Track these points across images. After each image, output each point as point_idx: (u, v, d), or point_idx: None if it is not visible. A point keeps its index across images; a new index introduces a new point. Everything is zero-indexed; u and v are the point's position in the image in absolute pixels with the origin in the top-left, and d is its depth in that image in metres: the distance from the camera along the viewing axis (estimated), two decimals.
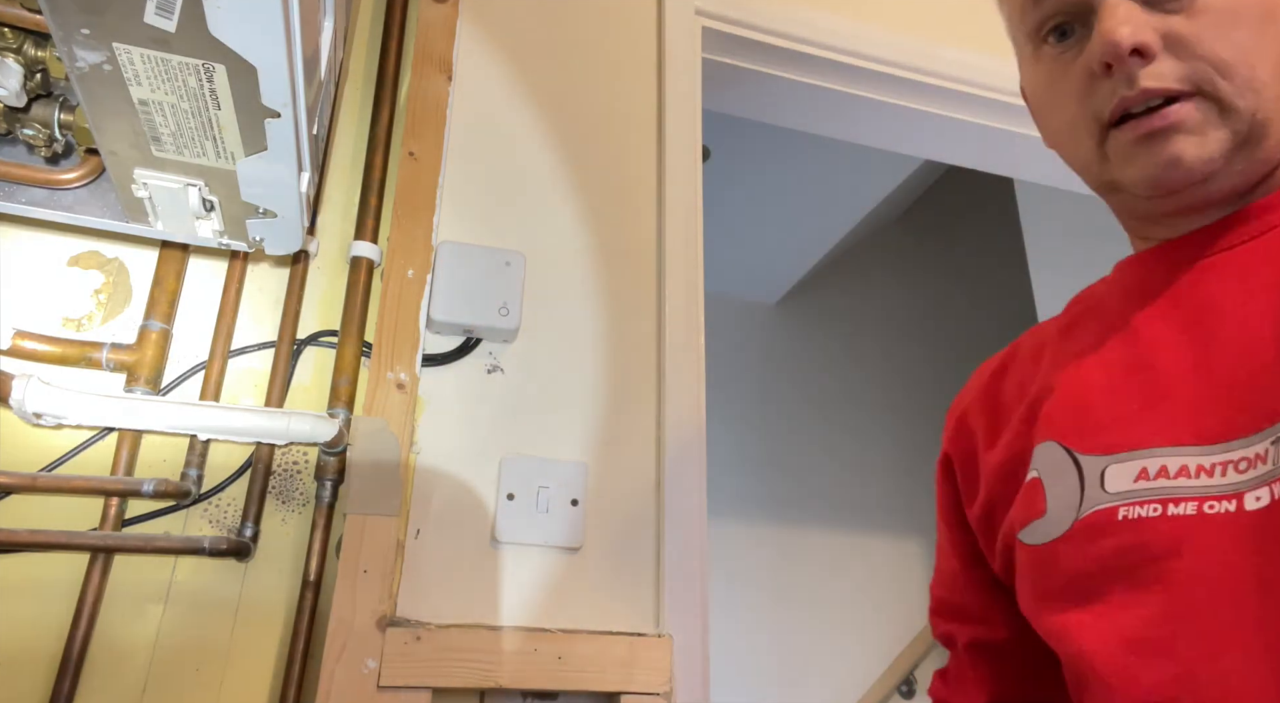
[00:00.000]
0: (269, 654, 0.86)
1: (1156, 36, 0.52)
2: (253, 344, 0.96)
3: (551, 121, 1.16)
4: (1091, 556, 0.53)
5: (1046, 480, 0.58)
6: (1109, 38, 0.52)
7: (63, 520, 0.84)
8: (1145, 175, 0.54)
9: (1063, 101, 0.58)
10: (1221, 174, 0.54)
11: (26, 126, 0.81)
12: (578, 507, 0.98)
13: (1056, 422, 0.59)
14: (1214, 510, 0.48)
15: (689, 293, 1.12)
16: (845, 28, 1.33)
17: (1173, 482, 0.50)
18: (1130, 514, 0.51)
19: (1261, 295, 0.51)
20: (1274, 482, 0.46)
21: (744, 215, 2.73)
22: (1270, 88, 0.53)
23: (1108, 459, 0.54)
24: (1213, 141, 0.53)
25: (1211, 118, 0.53)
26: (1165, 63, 0.53)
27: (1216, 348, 0.52)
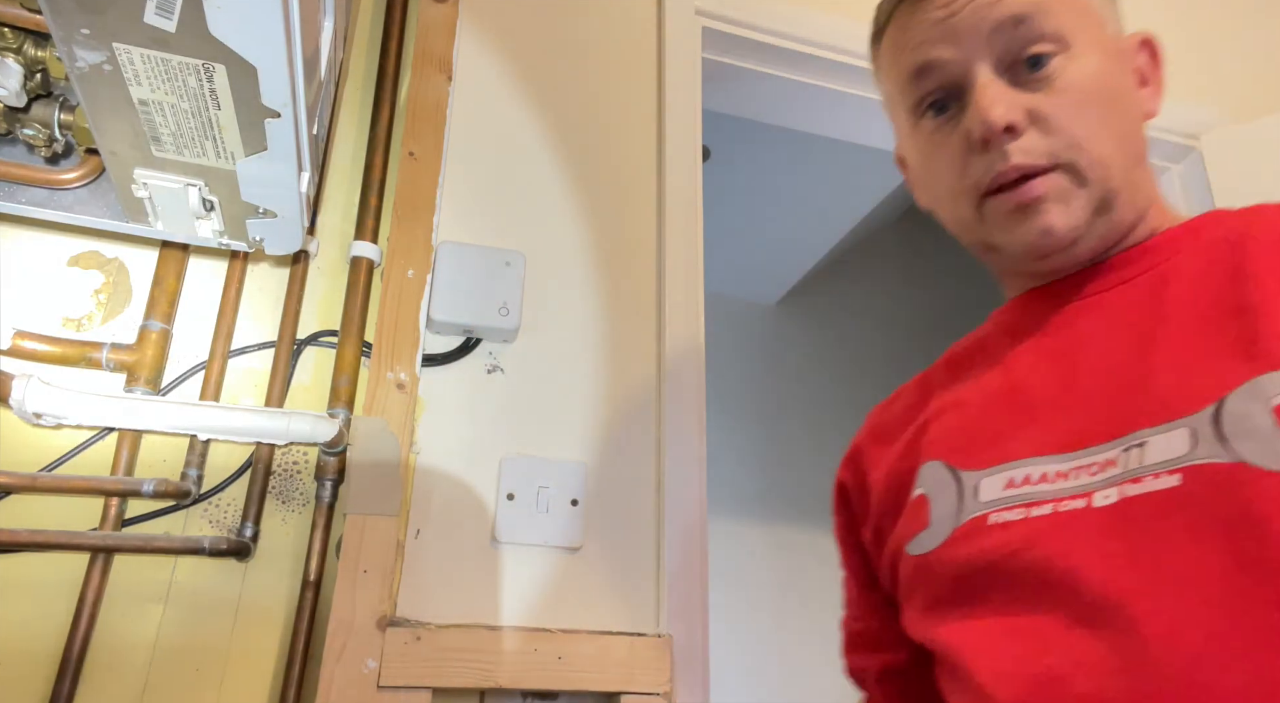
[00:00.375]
0: (269, 654, 0.86)
1: (1023, 114, 0.59)
2: (253, 344, 0.96)
3: (551, 121, 1.16)
4: (964, 559, 0.58)
5: (931, 496, 0.63)
6: (985, 117, 0.59)
7: (63, 520, 0.84)
8: (1023, 242, 0.61)
9: (942, 171, 0.65)
10: (1085, 238, 0.61)
11: (26, 126, 0.81)
12: (578, 507, 0.98)
13: (940, 443, 0.65)
14: (1066, 509, 0.53)
15: (689, 293, 1.12)
16: (845, 28, 1.32)
17: (1034, 487, 0.56)
18: (998, 519, 0.57)
19: (1122, 332, 0.59)
20: (1123, 482, 0.51)
21: (744, 215, 2.73)
22: (1118, 161, 0.60)
23: (982, 473, 0.60)
24: (1077, 210, 0.60)
25: (1072, 188, 0.60)
26: (1031, 138, 0.60)
27: (1080, 373, 0.59)
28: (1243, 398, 0.50)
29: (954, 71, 0.62)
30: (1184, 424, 0.51)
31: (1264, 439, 0.48)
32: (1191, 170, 1.55)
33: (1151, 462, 0.51)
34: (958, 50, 0.61)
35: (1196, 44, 1.64)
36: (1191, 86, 1.59)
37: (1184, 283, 0.59)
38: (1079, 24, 0.61)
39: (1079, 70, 0.60)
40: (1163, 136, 1.52)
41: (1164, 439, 0.51)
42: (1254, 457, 0.48)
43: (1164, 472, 0.50)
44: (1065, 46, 0.60)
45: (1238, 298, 0.55)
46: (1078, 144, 0.59)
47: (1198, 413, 0.51)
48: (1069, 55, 0.60)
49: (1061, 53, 0.60)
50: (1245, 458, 0.48)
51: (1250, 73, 1.66)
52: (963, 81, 0.62)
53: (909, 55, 0.64)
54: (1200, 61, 1.63)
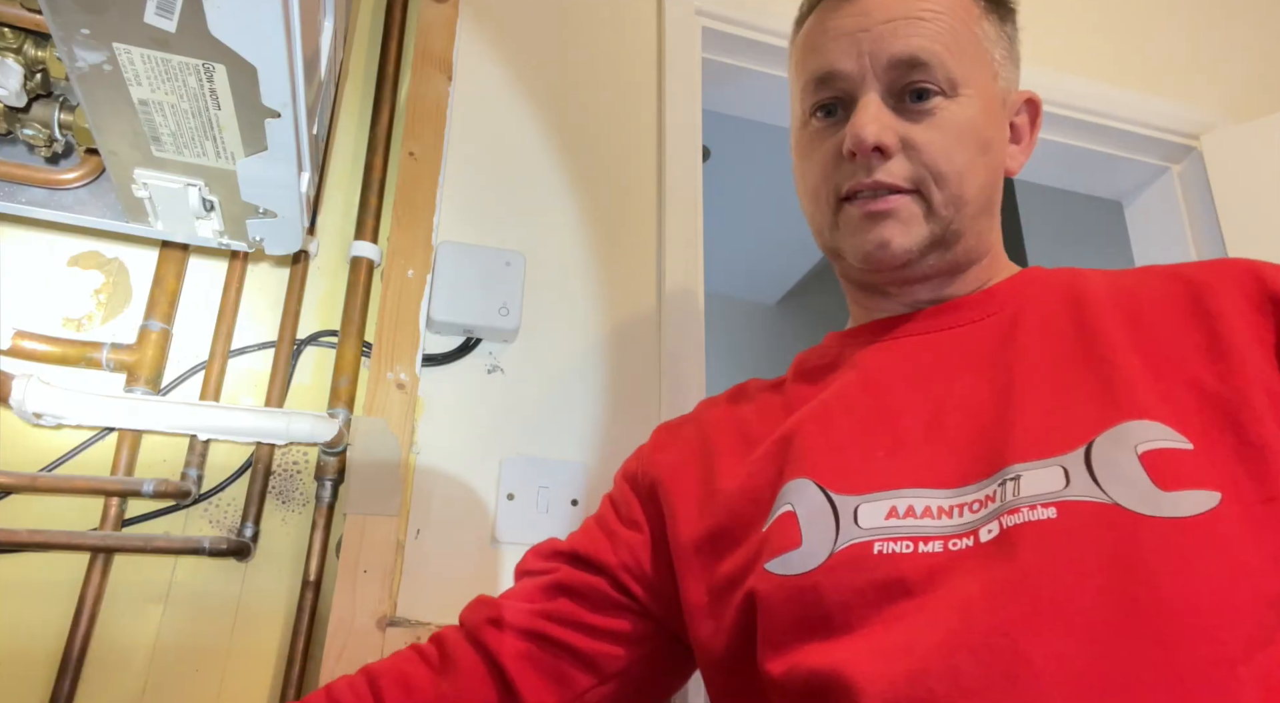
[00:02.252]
0: (269, 654, 0.86)
1: (896, 139, 0.64)
2: (253, 344, 0.96)
3: (551, 121, 1.16)
4: (848, 586, 0.58)
5: (801, 514, 0.62)
6: (858, 133, 0.63)
7: (63, 521, 0.84)
8: (860, 249, 0.66)
9: (813, 168, 0.69)
10: (917, 263, 0.66)
11: (26, 126, 0.81)
12: (578, 507, 0.98)
13: (810, 462, 0.64)
14: (957, 547, 0.55)
15: (689, 293, 1.12)
16: None
17: (919, 521, 0.57)
18: (885, 549, 0.57)
19: (981, 368, 0.62)
20: (1002, 514, 0.54)
21: (744, 215, 2.73)
22: (970, 205, 0.65)
23: (859, 498, 0.60)
24: (915, 235, 0.65)
25: (919, 216, 0.65)
26: (898, 162, 0.64)
27: (947, 404, 0.62)
28: (1109, 443, 0.53)
29: (848, 86, 0.66)
30: (1055, 463, 0.54)
31: (1130, 482, 0.51)
32: (1191, 170, 1.55)
33: (1027, 494, 0.53)
34: (856, 67, 0.65)
35: (1197, 44, 1.64)
36: (1191, 86, 1.59)
37: (1031, 328, 0.63)
38: (971, 72, 0.65)
39: (958, 113, 0.64)
40: (1163, 137, 1.52)
41: (1038, 474, 0.54)
42: (1127, 501, 0.50)
43: (1039, 504, 0.52)
44: (953, 90, 0.64)
45: (1086, 349, 0.59)
46: (938, 177, 0.64)
47: (1069, 453, 0.54)
48: (954, 98, 0.64)
49: (947, 95, 0.64)
50: (1119, 501, 0.51)
51: (1250, 73, 1.66)
52: (853, 95, 0.66)
53: (816, 59, 0.68)
54: (1200, 61, 1.63)
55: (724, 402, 0.79)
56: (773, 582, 0.61)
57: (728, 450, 0.72)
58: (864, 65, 0.65)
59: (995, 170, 0.68)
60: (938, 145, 0.64)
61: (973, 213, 0.66)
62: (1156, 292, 0.61)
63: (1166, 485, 0.50)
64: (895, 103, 0.65)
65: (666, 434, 0.79)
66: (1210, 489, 0.50)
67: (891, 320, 0.71)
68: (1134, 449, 0.52)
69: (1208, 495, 0.50)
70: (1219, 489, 0.50)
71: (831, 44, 0.67)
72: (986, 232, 0.69)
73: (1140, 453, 0.52)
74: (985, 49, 0.67)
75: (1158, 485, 0.50)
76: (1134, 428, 0.53)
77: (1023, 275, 0.69)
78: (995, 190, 0.68)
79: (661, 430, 0.81)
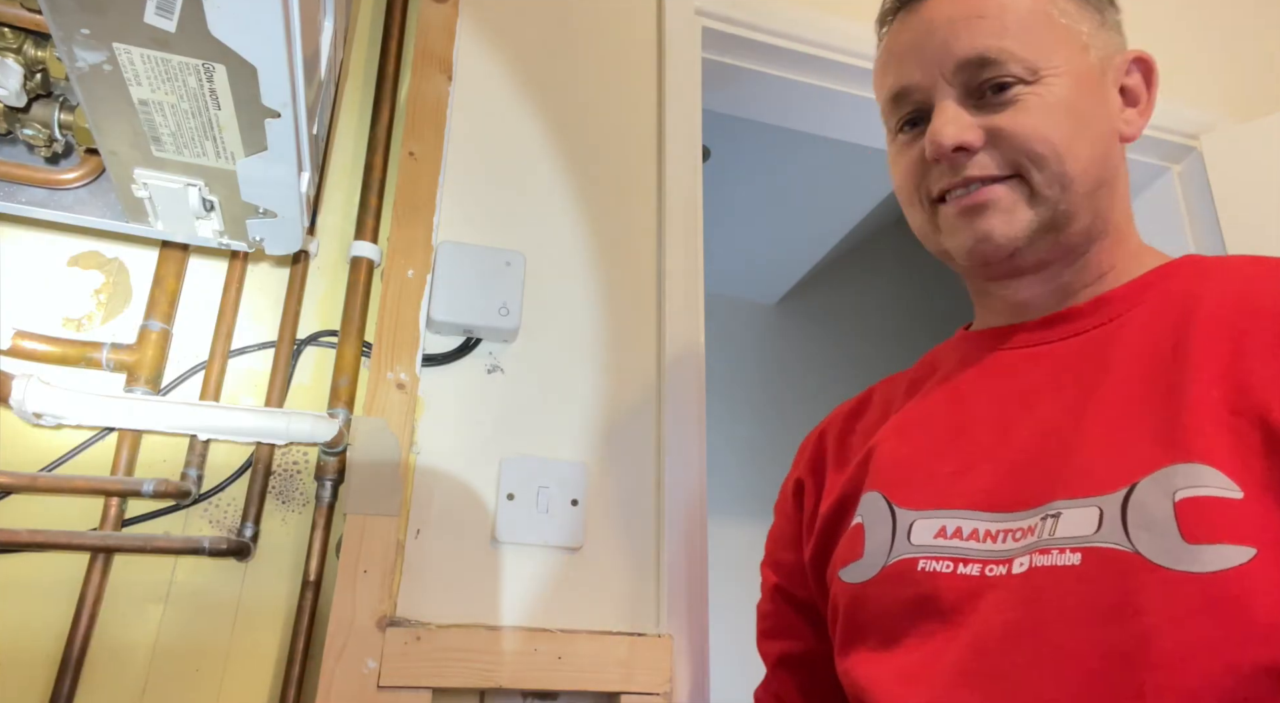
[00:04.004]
0: (269, 654, 0.86)
1: (979, 134, 0.62)
2: (253, 344, 0.96)
3: (551, 121, 1.16)
4: (892, 600, 0.61)
5: (868, 526, 0.65)
6: (935, 138, 0.63)
7: (63, 520, 0.84)
8: (963, 246, 0.64)
9: (904, 177, 0.68)
10: (1026, 251, 0.63)
11: (26, 126, 0.81)
12: (578, 507, 0.98)
13: (883, 475, 0.67)
14: (993, 573, 0.56)
15: (689, 293, 1.12)
16: (845, 27, 1.32)
17: (964, 543, 0.59)
18: (928, 567, 0.59)
19: (1063, 390, 0.60)
20: (1035, 552, 0.54)
21: (744, 215, 2.73)
22: (1078, 183, 0.62)
23: (917, 514, 0.62)
24: (1019, 222, 0.62)
25: (1021, 201, 0.62)
26: (988, 154, 0.62)
27: (1019, 427, 0.61)
28: (1151, 487, 0.51)
29: (922, 97, 0.65)
30: (1095, 503, 0.53)
31: (1159, 532, 0.49)
32: (1191, 170, 1.55)
33: (1061, 535, 0.53)
34: (925, 78, 0.64)
35: (1197, 44, 1.64)
36: (1192, 86, 1.59)
37: (1129, 346, 0.60)
38: (1051, 52, 0.62)
39: (1045, 95, 0.61)
40: (1163, 136, 1.52)
41: (1076, 514, 0.53)
42: (1146, 549, 0.50)
43: (1069, 548, 0.53)
44: (1034, 76, 0.62)
45: (1171, 375, 0.56)
46: (1037, 159, 0.61)
47: (1110, 494, 0.52)
48: (1037, 83, 0.62)
49: (1028, 82, 0.62)
50: (1139, 549, 0.50)
51: (1250, 73, 1.66)
52: (930, 104, 0.65)
53: (889, 79, 0.68)
54: (1200, 61, 1.63)
55: (846, 411, 0.81)
56: (841, 588, 0.66)
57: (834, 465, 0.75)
58: (933, 74, 0.64)
59: (1103, 142, 0.63)
60: (1028, 127, 0.61)
61: (1084, 190, 0.62)
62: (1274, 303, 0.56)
63: (1194, 537, 0.48)
64: (975, 101, 0.63)
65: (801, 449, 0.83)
66: (1245, 544, 0.48)
67: (999, 332, 0.69)
68: (1172, 496, 0.50)
69: (1239, 551, 0.48)
70: (1257, 544, 0.48)
71: (899, 60, 0.66)
72: (1106, 209, 0.64)
73: (1177, 500, 0.50)
74: (1067, 26, 0.63)
75: (1184, 537, 0.49)
76: (1180, 472, 0.51)
77: (1150, 276, 0.64)
78: (1108, 164, 0.64)
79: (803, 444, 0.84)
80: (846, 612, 0.66)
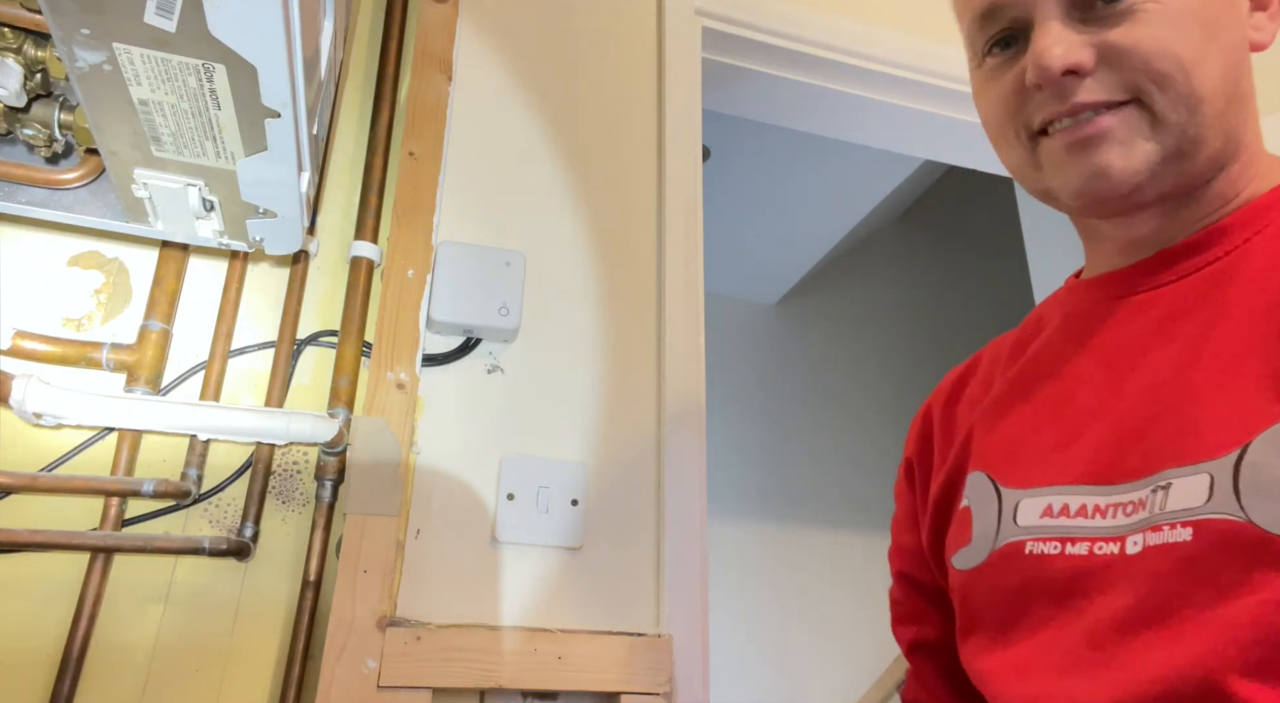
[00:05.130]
0: (269, 654, 0.86)
1: (1090, 54, 0.54)
2: (253, 344, 0.96)
3: (551, 121, 1.16)
4: (1002, 587, 0.57)
5: (974, 509, 0.61)
6: (1040, 61, 0.54)
7: (63, 521, 0.84)
8: (1073, 185, 0.56)
9: (995, 107, 0.60)
10: (1147, 186, 0.55)
11: (26, 126, 0.81)
12: (578, 507, 0.98)
13: (987, 454, 0.63)
14: (1102, 552, 0.52)
15: (689, 293, 1.12)
16: (845, 27, 1.32)
17: (1072, 521, 0.54)
18: (1035, 550, 0.55)
19: (1173, 340, 0.54)
20: (1148, 529, 0.49)
21: (744, 215, 2.73)
22: (1208, 103, 0.53)
23: (1022, 493, 0.58)
24: (1139, 154, 0.54)
25: (1142, 129, 0.54)
26: (1103, 75, 0.54)
27: (1125, 390, 0.55)
28: (1264, 446, 0.46)
29: (1019, 12, 0.56)
30: (1205, 469, 0.48)
31: (1274, 497, 0.44)
32: None
33: (1172, 508, 0.48)
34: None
35: None
36: None
37: (1249, 281, 0.53)
38: None
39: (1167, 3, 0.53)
40: None
41: (1186, 483, 0.48)
42: (1261, 517, 0.44)
43: (1179, 522, 0.48)
44: None
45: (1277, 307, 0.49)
46: (1161, 77, 0.53)
47: (1221, 458, 0.47)
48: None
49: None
50: (1253, 518, 0.45)
51: None
52: (1029, 21, 0.56)
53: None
54: None
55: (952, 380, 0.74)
56: (954, 575, 0.63)
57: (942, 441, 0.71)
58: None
59: (1234, 52, 0.55)
60: (1150, 41, 0.52)
61: (1215, 110, 0.54)
62: None
63: None
64: (1083, 15, 0.54)
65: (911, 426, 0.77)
66: None
67: (1106, 279, 0.62)
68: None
69: None
70: None
71: None
72: (1238, 128, 0.56)
73: None
74: None
75: None
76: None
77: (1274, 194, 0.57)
78: (1239, 77, 0.56)
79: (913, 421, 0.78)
80: (961, 600, 0.62)
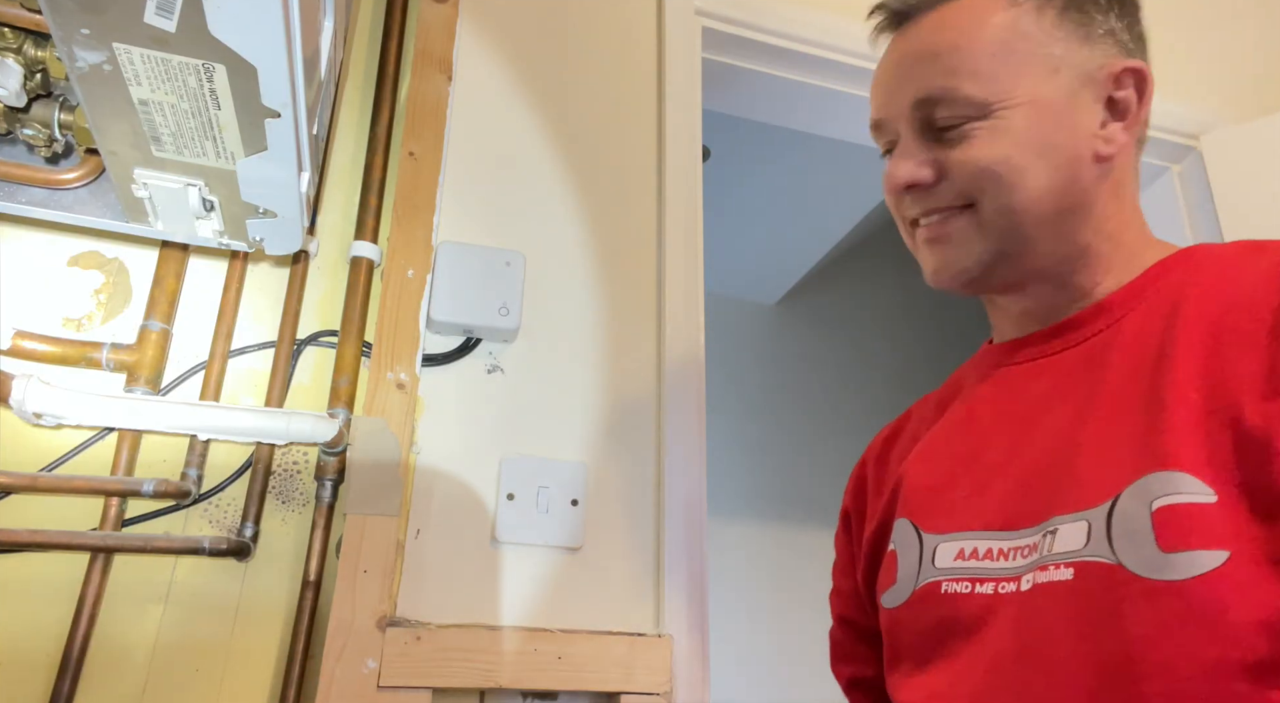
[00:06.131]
0: (269, 654, 0.86)
1: (930, 171, 0.64)
2: (253, 344, 0.96)
3: (551, 121, 1.16)
4: (922, 622, 0.63)
5: (900, 553, 0.67)
6: (888, 176, 0.66)
7: (63, 521, 0.84)
8: (927, 272, 0.67)
9: (888, 199, 0.70)
10: (984, 280, 0.65)
11: (26, 126, 0.81)
12: (578, 507, 0.98)
13: (910, 502, 0.69)
14: (1005, 590, 0.57)
15: (689, 293, 1.12)
16: (846, 27, 1.32)
17: (980, 562, 0.60)
18: (949, 589, 0.61)
19: (1065, 402, 0.60)
20: (1036, 569, 0.55)
21: (744, 215, 2.73)
22: (1030, 212, 0.62)
23: (940, 538, 0.64)
24: (972, 253, 0.64)
25: (973, 232, 0.63)
26: (946, 185, 0.64)
27: (1025, 444, 0.61)
28: (1132, 497, 0.52)
29: (891, 132, 0.68)
30: (1085, 517, 0.53)
31: (1139, 542, 0.50)
32: (1191, 170, 1.55)
33: (1057, 551, 0.54)
34: (891, 112, 0.67)
35: (1196, 44, 1.64)
36: (1191, 86, 1.59)
37: (1122, 351, 0.59)
38: (1008, 83, 0.61)
39: (997, 127, 0.61)
40: (1163, 136, 1.52)
41: (1070, 529, 0.54)
42: (1128, 560, 0.50)
43: (1062, 563, 0.53)
44: (984, 111, 0.61)
45: (1155, 378, 0.55)
46: (980, 191, 0.62)
47: (1098, 507, 0.53)
48: (990, 117, 0.62)
49: (979, 117, 0.62)
50: (1122, 561, 0.50)
51: (1250, 73, 1.66)
52: (897, 138, 0.67)
53: (871, 107, 0.70)
54: (1200, 62, 1.63)
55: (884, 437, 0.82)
56: (883, 614, 0.69)
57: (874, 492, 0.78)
58: (896, 110, 0.66)
59: (1066, 168, 0.62)
60: (972, 163, 0.62)
61: (1038, 218, 0.62)
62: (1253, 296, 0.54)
63: (1170, 546, 0.49)
64: (933, 136, 0.64)
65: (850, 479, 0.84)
66: (1218, 548, 0.48)
67: (1009, 347, 0.69)
68: (1149, 505, 0.50)
69: (1213, 556, 0.48)
70: (1229, 547, 0.48)
71: (874, 92, 0.69)
72: (1074, 232, 0.63)
73: (1155, 509, 0.50)
74: (1029, 52, 0.62)
75: (1160, 546, 0.49)
76: (1157, 480, 0.51)
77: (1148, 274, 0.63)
78: (1074, 188, 0.62)
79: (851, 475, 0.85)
80: (888, 635, 0.68)
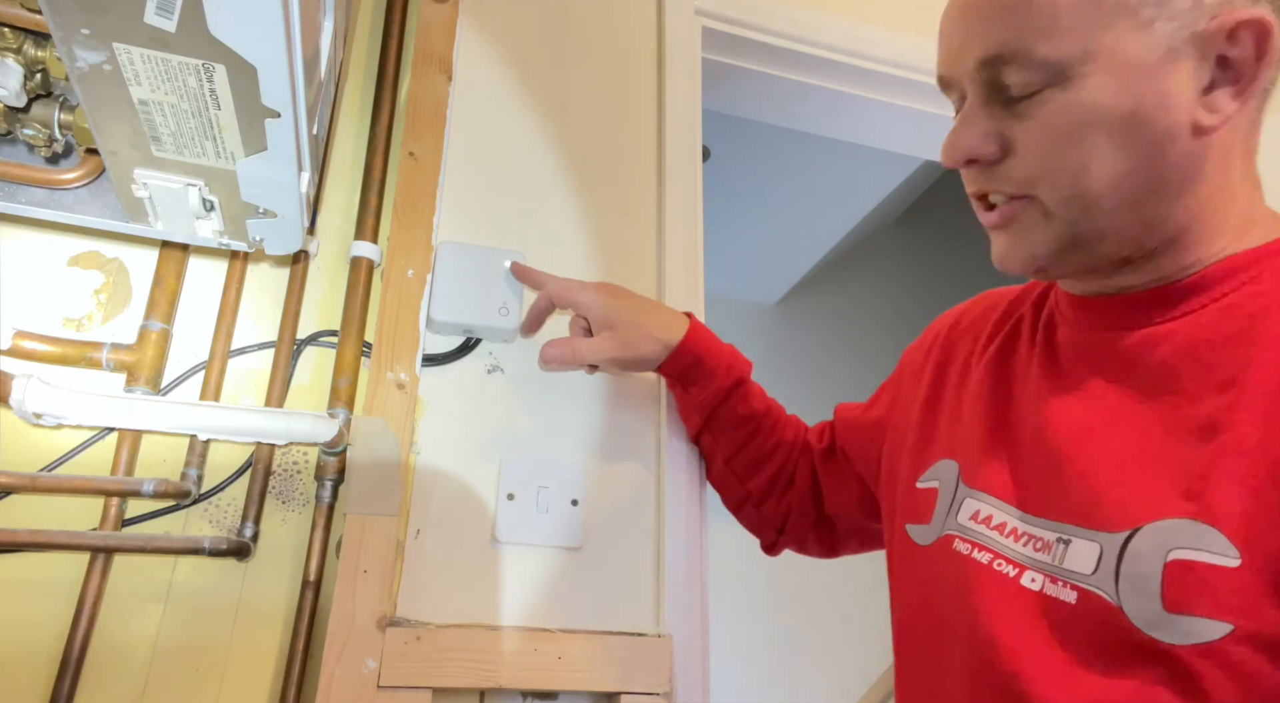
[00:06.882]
0: (269, 654, 0.86)
1: (996, 145, 0.57)
2: (253, 344, 0.96)
3: (552, 121, 1.16)
4: (929, 573, 0.64)
5: (939, 494, 0.67)
6: (945, 148, 0.59)
7: (63, 520, 0.84)
8: (994, 257, 0.61)
9: None
10: (1052, 268, 0.59)
11: (26, 126, 0.81)
12: (578, 507, 0.98)
13: (961, 443, 0.67)
14: (999, 569, 0.57)
15: (689, 293, 1.12)
16: (845, 27, 1.32)
17: (990, 531, 0.59)
18: (960, 548, 0.61)
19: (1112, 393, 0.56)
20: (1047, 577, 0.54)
21: (744, 215, 2.73)
22: (1104, 201, 0.54)
23: (968, 491, 0.64)
24: (1036, 242, 0.57)
25: (1038, 220, 0.57)
26: (1010, 164, 0.57)
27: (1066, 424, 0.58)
28: (1150, 536, 0.49)
29: (959, 90, 0.60)
30: (1099, 540, 0.51)
31: (1143, 591, 0.48)
32: None
33: (1067, 566, 0.53)
34: (953, 72, 0.59)
35: None
36: None
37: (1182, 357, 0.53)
38: (1090, 41, 0.52)
39: (1073, 100, 0.53)
40: None
41: (1082, 546, 0.52)
42: (1129, 607, 0.48)
43: (1070, 584, 0.52)
44: (1060, 76, 0.53)
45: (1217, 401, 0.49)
46: (1046, 178, 0.55)
47: (1113, 533, 0.51)
48: (1068, 83, 0.53)
49: (1054, 82, 0.54)
50: (1123, 605, 0.49)
51: None
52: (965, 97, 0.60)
53: (937, 61, 0.62)
54: None
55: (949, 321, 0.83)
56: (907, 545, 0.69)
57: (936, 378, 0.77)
58: (958, 70, 0.58)
59: (1153, 144, 0.53)
60: (1038, 145, 0.55)
61: (1114, 206, 0.54)
62: None
63: (1174, 606, 0.46)
64: (1002, 102, 0.56)
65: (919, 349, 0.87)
66: (1222, 620, 0.45)
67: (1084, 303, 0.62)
68: (1165, 554, 0.47)
69: (1215, 626, 0.45)
70: (1234, 621, 0.45)
71: (940, 43, 0.61)
72: (1158, 220, 0.55)
73: (1169, 560, 0.47)
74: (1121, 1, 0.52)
75: (1164, 603, 0.47)
76: (1179, 528, 0.47)
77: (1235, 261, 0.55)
78: (1155, 170, 0.53)
79: None
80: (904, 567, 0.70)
